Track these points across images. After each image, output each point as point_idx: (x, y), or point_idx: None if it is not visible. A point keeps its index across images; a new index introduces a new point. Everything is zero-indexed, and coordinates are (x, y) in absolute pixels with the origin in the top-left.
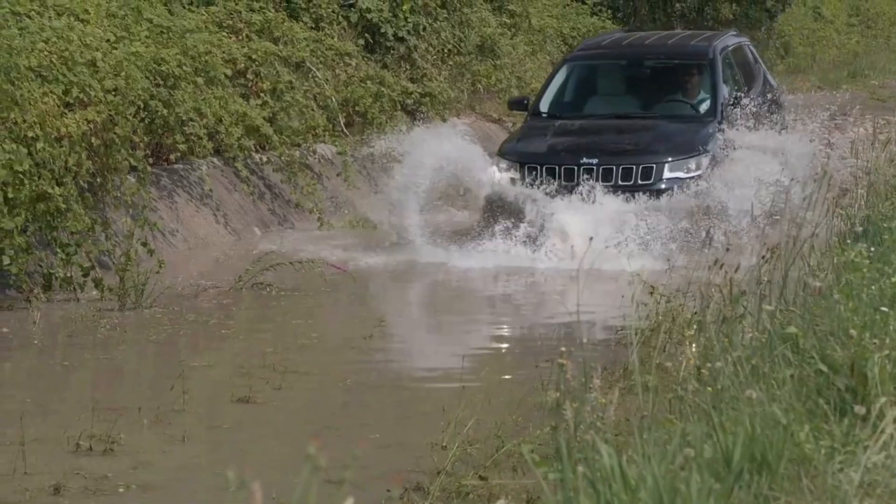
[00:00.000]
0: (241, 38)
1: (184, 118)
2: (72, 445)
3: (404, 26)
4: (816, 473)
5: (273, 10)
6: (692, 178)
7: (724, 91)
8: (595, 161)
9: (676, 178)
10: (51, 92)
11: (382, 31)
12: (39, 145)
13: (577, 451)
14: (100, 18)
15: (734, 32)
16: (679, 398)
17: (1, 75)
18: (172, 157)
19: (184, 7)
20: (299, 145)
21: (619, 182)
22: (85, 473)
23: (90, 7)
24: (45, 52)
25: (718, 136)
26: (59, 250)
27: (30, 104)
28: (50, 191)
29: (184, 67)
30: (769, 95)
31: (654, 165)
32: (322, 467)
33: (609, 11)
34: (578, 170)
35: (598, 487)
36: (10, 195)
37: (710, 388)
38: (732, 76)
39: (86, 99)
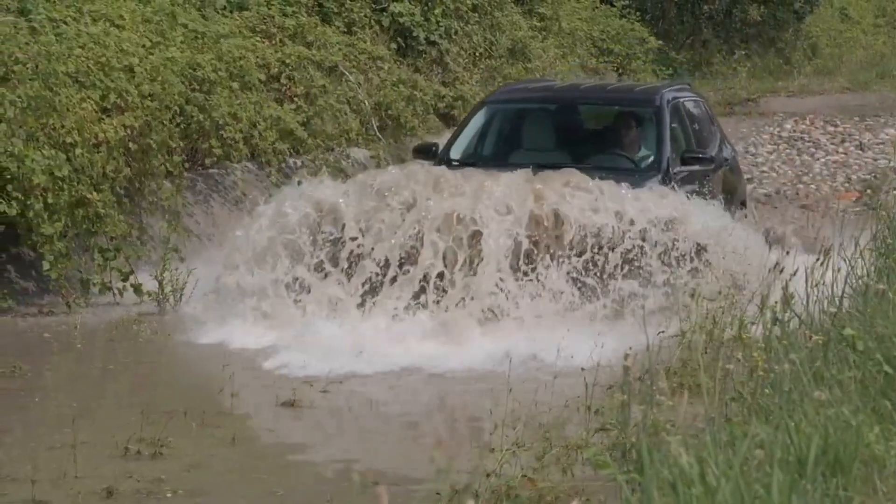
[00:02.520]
0: (274, 42)
1: (219, 123)
2: (121, 449)
3: (436, 30)
4: (888, 474)
5: (306, 15)
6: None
7: (670, 146)
8: None
9: None
10: (88, 98)
11: (414, 34)
12: (78, 151)
13: (647, 452)
14: (135, 24)
15: (687, 84)
16: (740, 400)
17: (39, 81)
18: (208, 161)
19: (217, 12)
20: (333, 149)
21: None
22: (137, 477)
23: (125, 13)
24: (83, 58)
25: None
26: (98, 255)
27: (68, 110)
28: (89, 196)
29: (219, 72)
30: (725, 161)
31: None
32: (443, 470)
33: (637, 14)
34: None
35: (678, 488)
36: (51, 200)
37: (768, 391)
38: (682, 131)
39: (123, 104)
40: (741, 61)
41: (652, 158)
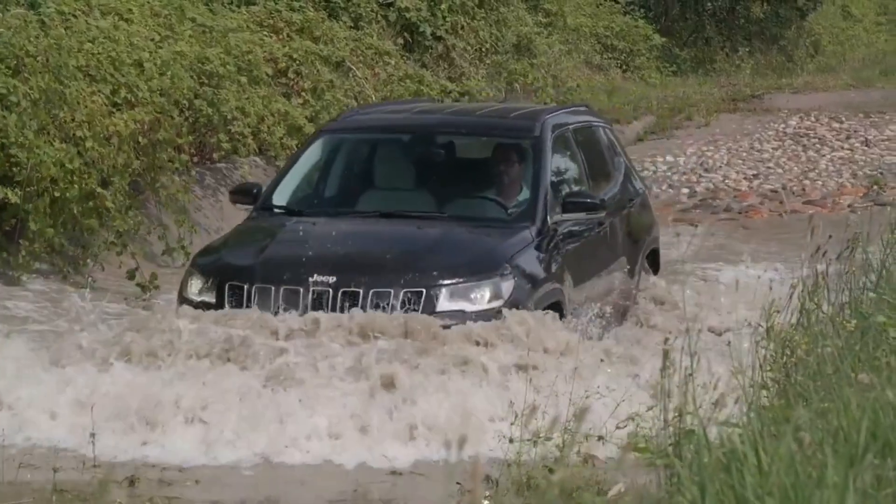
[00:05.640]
0: (281, 37)
1: (228, 117)
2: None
3: (442, 25)
4: None
5: (313, 10)
6: (485, 311)
7: (548, 186)
8: (332, 280)
9: (459, 311)
10: (99, 92)
11: (421, 29)
12: (88, 144)
13: (682, 436)
14: (144, 18)
15: (584, 107)
16: (774, 387)
17: (50, 74)
18: (216, 155)
19: (224, 6)
20: None
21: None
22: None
23: (134, 7)
24: (93, 52)
25: (536, 251)
26: (105, 250)
27: (78, 103)
28: (99, 190)
29: (227, 67)
30: (630, 202)
31: (424, 291)
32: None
33: (641, 11)
34: (306, 293)
35: (732, 469)
36: (57, 194)
37: (801, 378)
38: (573, 167)
39: (133, 99)
40: (744, 58)
41: (526, 204)
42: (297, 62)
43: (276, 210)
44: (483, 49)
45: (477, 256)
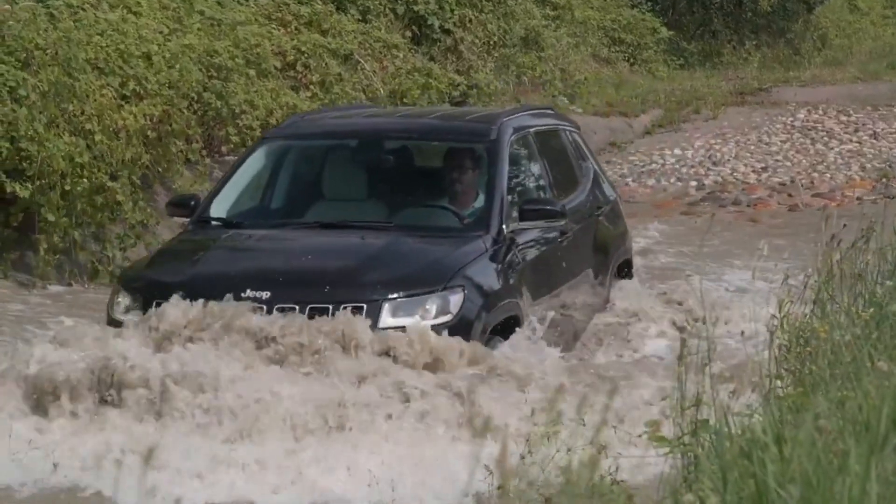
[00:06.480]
0: (289, 30)
1: (236, 110)
2: None
3: (450, 18)
4: None
5: (321, 3)
6: (433, 327)
7: (504, 192)
8: (266, 296)
9: (403, 327)
10: (108, 85)
11: (429, 22)
12: (97, 137)
13: (699, 425)
14: (152, 10)
15: (549, 109)
16: (788, 376)
17: (59, 67)
18: (224, 148)
19: None
20: None
21: None
22: None
23: None
24: (102, 45)
25: (489, 262)
26: (114, 242)
27: (88, 96)
28: (110, 184)
29: (236, 59)
30: (598, 210)
31: (366, 306)
32: None
33: (648, 4)
34: None
35: (753, 457)
36: (68, 188)
37: (814, 367)
38: (534, 172)
39: (142, 92)
40: (751, 51)
41: (480, 212)
42: (306, 55)
43: (214, 222)
44: (491, 42)
45: (423, 268)
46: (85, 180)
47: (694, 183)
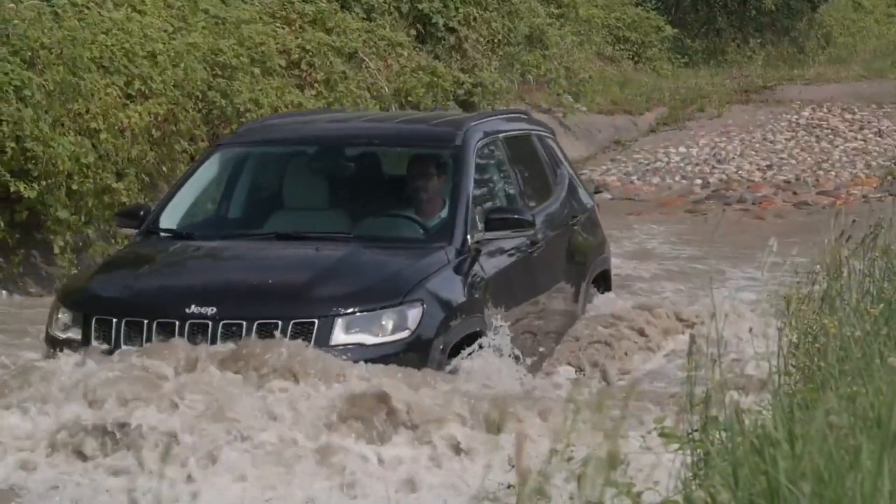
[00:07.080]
0: (294, 28)
1: (241, 109)
2: None
3: (455, 16)
4: None
5: (325, 1)
6: (389, 344)
7: (469, 201)
8: (212, 311)
9: (357, 344)
10: (113, 84)
11: (433, 21)
12: (103, 136)
13: (709, 421)
14: (157, 9)
15: (522, 114)
16: (795, 373)
17: (64, 66)
18: None
19: None
20: None
21: None
22: None
23: None
24: (107, 44)
25: (452, 275)
26: (122, 242)
27: (93, 95)
28: (115, 185)
29: (240, 58)
30: (573, 219)
31: (317, 321)
32: None
33: (652, 2)
34: (183, 326)
35: (765, 452)
36: (75, 187)
37: (823, 363)
38: (503, 179)
39: (147, 91)
40: (756, 50)
41: (443, 221)
42: (310, 53)
43: (163, 233)
44: (495, 40)
45: (379, 281)
46: (90, 180)
47: (699, 181)
